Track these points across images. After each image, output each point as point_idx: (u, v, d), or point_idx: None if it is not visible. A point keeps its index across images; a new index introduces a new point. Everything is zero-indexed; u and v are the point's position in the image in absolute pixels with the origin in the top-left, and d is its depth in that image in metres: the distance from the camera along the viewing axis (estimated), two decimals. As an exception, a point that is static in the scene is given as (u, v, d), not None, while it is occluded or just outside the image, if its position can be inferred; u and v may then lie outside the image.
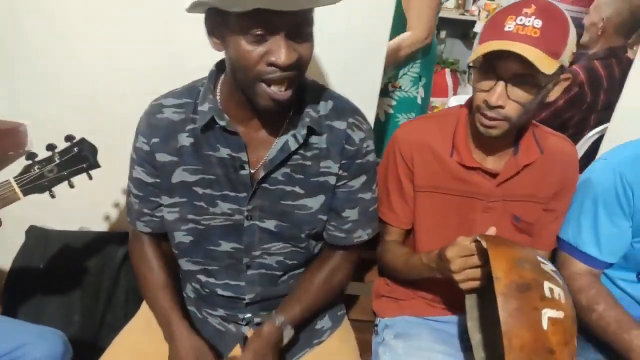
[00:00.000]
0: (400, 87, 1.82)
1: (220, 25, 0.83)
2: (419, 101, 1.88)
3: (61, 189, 1.06)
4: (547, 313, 0.79)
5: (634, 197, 1.06)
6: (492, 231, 0.99)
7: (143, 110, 1.01)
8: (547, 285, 0.81)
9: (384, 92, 1.82)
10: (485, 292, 0.95)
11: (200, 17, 0.88)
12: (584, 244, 1.12)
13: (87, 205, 1.51)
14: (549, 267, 0.85)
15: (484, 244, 0.88)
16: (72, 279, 1.48)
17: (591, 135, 1.78)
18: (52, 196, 1.04)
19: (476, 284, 0.95)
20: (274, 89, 0.84)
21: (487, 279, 0.92)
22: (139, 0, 1.27)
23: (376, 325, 1.27)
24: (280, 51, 0.79)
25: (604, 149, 1.65)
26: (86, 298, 1.48)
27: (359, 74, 1.37)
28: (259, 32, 0.79)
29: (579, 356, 1.09)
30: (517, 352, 0.79)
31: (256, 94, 0.85)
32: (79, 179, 1.07)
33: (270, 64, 0.81)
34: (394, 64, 1.78)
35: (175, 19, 1.28)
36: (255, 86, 0.84)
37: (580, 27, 2.16)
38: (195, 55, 1.30)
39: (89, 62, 1.35)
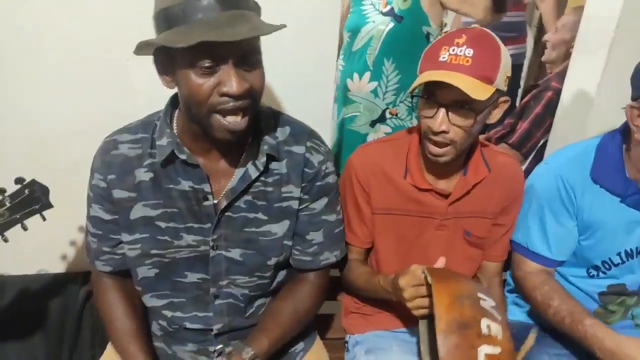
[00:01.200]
0: (397, 115, 1.82)
1: (168, 62, 0.85)
2: None
3: (14, 232, 1.04)
4: (484, 350, 0.84)
5: (576, 198, 1.13)
6: (441, 262, 1.02)
7: (95, 147, 1.00)
8: (484, 322, 0.86)
9: (382, 118, 1.82)
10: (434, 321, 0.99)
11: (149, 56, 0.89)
12: (534, 245, 1.18)
13: (43, 247, 1.46)
14: (488, 303, 0.90)
15: (429, 279, 0.92)
16: (34, 324, 1.43)
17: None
18: (5, 240, 1.02)
19: (426, 311, 0.98)
20: (229, 119, 0.85)
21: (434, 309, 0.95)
22: (85, 38, 1.27)
23: (346, 342, 1.29)
24: (231, 80, 0.81)
25: (549, 153, 1.75)
26: (50, 342, 1.43)
27: (310, 96, 1.40)
28: (207, 65, 0.80)
29: (541, 352, 1.15)
30: None
31: (211, 126, 0.86)
32: (32, 221, 1.05)
33: (223, 94, 0.82)
34: None
35: (124, 55, 1.28)
36: (210, 118, 0.85)
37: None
38: (146, 90, 1.31)
39: (34, 104, 1.32)
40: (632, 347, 0.99)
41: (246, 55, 0.83)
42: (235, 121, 0.86)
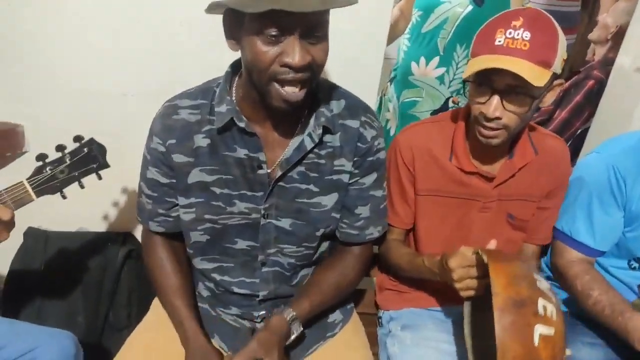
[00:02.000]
0: (458, 104, 1.72)
1: (236, 26, 0.85)
2: None
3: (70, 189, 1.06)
4: (539, 329, 0.84)
5: (626, 188, 1.12)
6: (492, 244, 1.02)
7: (142, 111, 1.00)
8: (541, 302, 0.86)
9: (444, 107, 1.73)
10: (481, 301, 1.00)
11: (201, 20, 0.88)
12: (579, 233, 1.18)
13: (85, 206, 1.49)
14: (543, 284, 0.90)
15: (485, 258, 0.92)
16: (73, 281, 1.47)
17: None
18: (64, 197, 1.04)
19: (473, 292, 0.99)
20: (287, 89, 0.85)
21: (485, 289, 0.96)
22: (141, 1, 1.27)
23: (380, 318, 1.31)
24: (294, 52, 0.81)
25: (590, 142, 1.73)
26: (88, 299, 1.47)
27: (358, 73, 1.38)
28: (273, 33, 0.80)
29: (576, 341, 1.16)
30: None
31: (269, 94, 0.86)
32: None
33: (284, 65, 0.82)
34: None
35: (177, 20, 1.29)
36: (269, 86, 0.85)
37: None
38: (197, 55, 1.31)
39: (85, 63, 1.34)
40: None
41: (313, 28, 0.82)
42: (293, 92, 0.85)
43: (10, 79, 1.35)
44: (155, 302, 1.16)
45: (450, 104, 1.70)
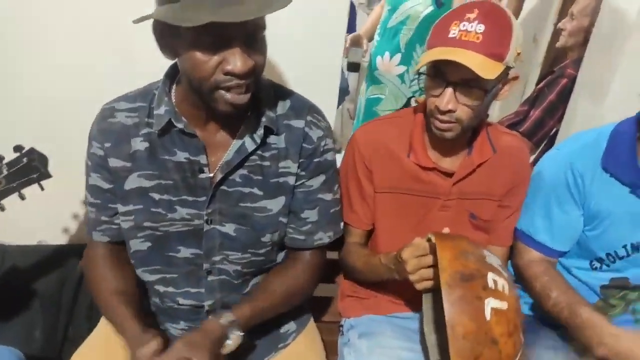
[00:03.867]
0: None
1: (170, 36, 0.83)
2: None
3: (16, 203, 1.03)
4: (491, 303, 0.81)
5: (584, 186, 1.09)
6: (445, 231, 1.01)
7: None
8: (490, 276, 0.83)
9: (407, 107, 1.74)
10: (440, 294, 0.97)
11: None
12: (537, 233, 1.15)
13: (44, 219, 1.47)
14: (493, 259, 0.88)
15: (432, 239, 0.90)
16: (32, 295, 1.44)
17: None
18: (2, 209, 1.01)
19: (430, 283, 0.96)
20: (232, 94, 0.83)
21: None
22: (90, 5, 1.25)
23: (341, 326, 1.27)
24: (235, 59, 0.79)
25: (558, 142, 1.71)
26: (47, 313, 1.44)
27: (316, 74, 1.37)
28: (212, 43, 0.78)
29: (536, 343, 1.12)
30: (460, 341, 0.80)
31: (214, 101, 0.84)
32: (33, 191, 1.04)
33: (227, 73, 0.80)
34: None
35: (126, 22, 1.26)
36: (213, 94, 0.83)
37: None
38: (148, 58, 1.28)
39: (37, 70, 1.31)
40: (630, 341, 0.96)
41: (252, 34, 0.81)
42: (239, 96, 0.84)
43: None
44: (103, 320, 1.11)
45: (414, 104, 1.71)
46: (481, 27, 0.92)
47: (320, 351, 1.13)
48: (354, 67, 2.00)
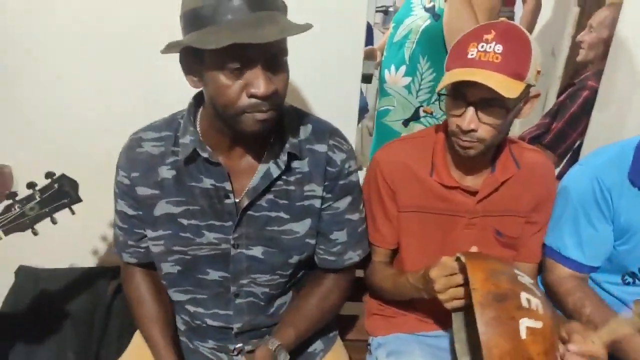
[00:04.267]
0: (432, 114, 1.73)
1: (196, 63, 0.85)
2: None
3: (48, 227, 1.07)
4: (525, 322, 0.80)
5: (612, 201, 1.08)
6: (474, 250, 1.00)
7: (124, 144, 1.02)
8: (524, 295, 0.82)
9: (415, 116, 1.75)
10: (471, 313, 0.96)
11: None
12: (567, 249, 1.13)
13: (75, 242, 1.51)
14: (526, 279, 0.87)
15: (462, 259, 0.89)
16: (64, 317, 1.47)
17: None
18: (35, 233, 1.04)
19: (460, 303, 0.96)
20: (258, 115, 0.85)
21: (471, 298, 0.93)
22: (115, 38, 1.30)
23: (369, 345, 1.27)
24: (259, 82, 0.81)
25: (583, 155, 1.69)
26: (79, 335, 1.46)
27: (336, 95, 1.39)
28: (236, 66, 0.80)
29: None
30: None
31: (241, 123, 0.86)
32: (65, 216, 1.08)
33: (251, 96, 0.83)
34: None
35: (151, 54, 1.30)
36: (240, 117, 0.85)
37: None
38: (173, 88, 1.32)
39: (66, 103, 1.36)
40: None
41: (274, 57, 0.83)
42: (265, 114, 0.86)
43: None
44: (137, 335, 1.15)
45: (422, 113, 1.72)
46: (499, 48, 0.93)
47: (348, 370, 1.13)
48: (366, 78, 2.04)
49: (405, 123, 1.75)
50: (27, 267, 1.52)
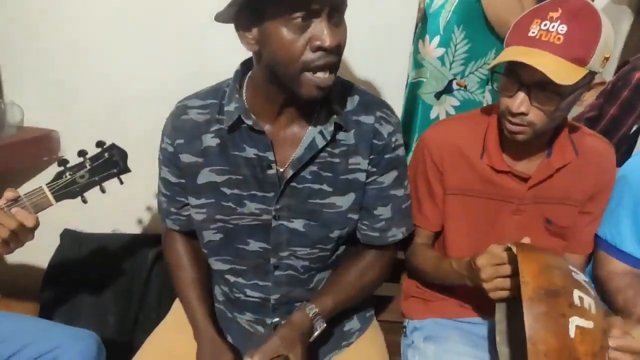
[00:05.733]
0: (465, 87, 1.67)
1: (256, 17, 0.82)
2: None
3: (93, 193, 1.09)
4: (576, 321, 0.76)
5: (676, 193, 1.01)
6: (526, 240, 0.95)
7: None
8: (577, 293, 0.78)
9: (448, 89, 1.68)
10: (515, 305, 0.92)
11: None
12: (623, 242, 1.07)
13: (119, 209, 1.55)
14: (580, 277, 0.82)
15: (514, 249, 0.85)
16: (106, 281, 1.52)
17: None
18: (84, 201, 1.06)
19: (506, 294, 0.92)
20: (319, 75, 0.83)
21: (518, 290, 0.89)
22: (164, 7, 1.29)
23: (404, 327, 1.25)
24: (324, 34, 0.79)
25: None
26: (119, 299, 1.51)
27: (384, 67, 1.36)
28: (300, 16, 0.78)
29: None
30: (541, 358, 0.75)
31: (301, 84, 0.84)
32: (110, 183, 1.09)
33: (317, 49, 0.80)
34: None
35: (199, 24, 1.30)
36: (300, 76, 0.83)
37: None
38: (221, 58, 1.32)
39: (115, 70, 1.38)
40: None
41: (337, 9, 0.81)
42: (325, 77, 0.83)
43: (43, 88, 1.41)
44: (176, 303, 1.16)
45: (455, 86, 1.65)
46: (563, 28, 0.86)
47: (383, 352, 1.11)
48: None
49: (438, 96, 1.68)
50: (72, 230, 1.57)
